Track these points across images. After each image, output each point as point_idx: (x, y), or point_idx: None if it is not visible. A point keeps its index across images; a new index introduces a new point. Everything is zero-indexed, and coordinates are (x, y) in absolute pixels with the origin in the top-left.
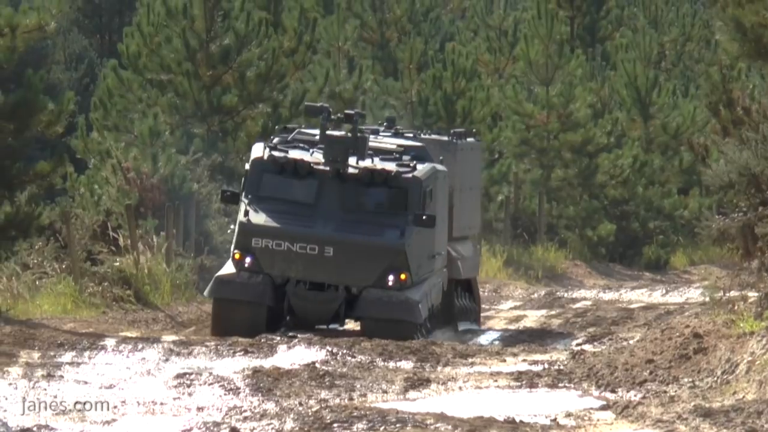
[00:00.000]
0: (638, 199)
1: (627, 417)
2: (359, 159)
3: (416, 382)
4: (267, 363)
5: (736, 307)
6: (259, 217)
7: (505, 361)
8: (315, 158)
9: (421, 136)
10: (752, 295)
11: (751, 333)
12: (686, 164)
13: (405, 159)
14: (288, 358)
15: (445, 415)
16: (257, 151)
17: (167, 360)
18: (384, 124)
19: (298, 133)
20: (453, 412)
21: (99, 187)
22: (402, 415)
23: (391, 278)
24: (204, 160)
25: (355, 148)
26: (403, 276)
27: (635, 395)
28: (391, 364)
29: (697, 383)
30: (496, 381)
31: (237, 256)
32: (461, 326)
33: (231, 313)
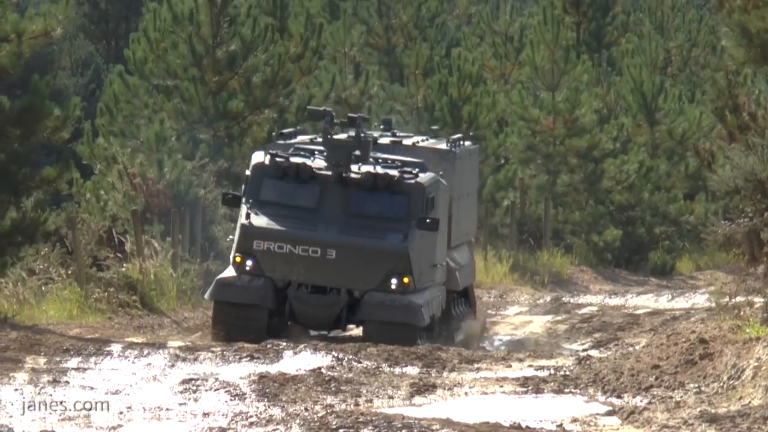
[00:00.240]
0: (644, 204)
1: (633, 422)
2: (363, 163)
3: (422, 388)
4: (273, 368)
5: (742, 313)
6: (260, 220)
7: (510, 366)
8: (317, 164)
9: (419, 143)
10: (758, 300)
11: (757, 338)
12: (692, 170)
13: (407, 167)
14: (294, 363)
15: (451, 421)
16: (258, 157)
17: (173, 366)
18: (381, 126)
19: (297, 132)
20: (459, 418)
21: (105, 192)
22: (408, 420)
23: (394, 282)
24: (210, 165)
25: (358, 152)
26: (406, 280)
27: (641, 401)
28: (397, 370)
29: (703, 389)
30: (502, 386)
31: (238, 259)
32: (458, 336)
33: (232, 316)
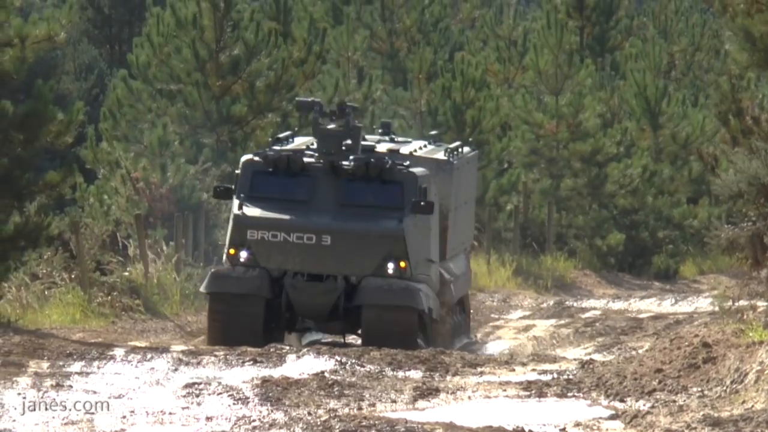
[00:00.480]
0: (647, 208)
1: (636, 426)
2: (353, 151)
3: (425, 392)
4: (276, 372)
5: (745, 317)
6: (253, 210)
7: (514, 370)
8: (307, 155)
9: (417, 151)
10: (761, 304)
11: (760, 342)
12: (695, 174)
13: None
14: (297, 367)
15: (454, 425)
16: (246, 156)
17: (176, 370)
18: (380, 131)
19: (293, 136)
20: (462, 422)
21: (108, 197)
22: (411, 424)
23: (390, 266)
24: (213, 169)
25: (348, 140)
26: (402, 264)
27: (644, 405)
28: (400, 374)
29: (706, 392)
30: (505, 390)
31: (232, 251)
32: (456, 344)
33: (227, 307)
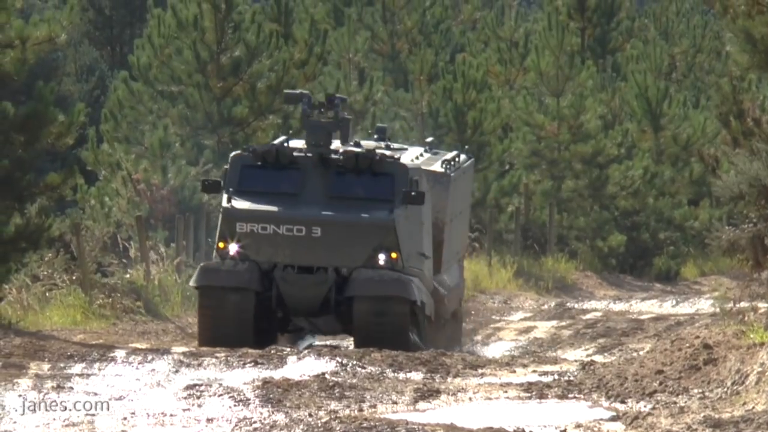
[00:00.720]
0: (649, 210)
1: (637, 428)
2: (343, 142)
3: (426, 393)
4: (277, 374)
5: (746, 318)
6: (242, 203)
7: (515, 372)
8: (296, 147)
9: (414, 161)
10: (762, 305)
11: (761, 344)
12: (697, 175)
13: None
14: (298, 369)
15: (454, 426)
16: (235, 153)
17: (177, 371)
18: (375, 136)
19: (288, 140)
20: (463, 423)
21: (109, 198)
22: (411, 426)
23: (381, 257)
24: (214, 171)
25: (338, 131)
26: (394, 255)
27: (645, 406)
28: (401, 375)
29: (707, 394)
30: (506, 392)
31: (221, 245)
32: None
33: (217, 301)
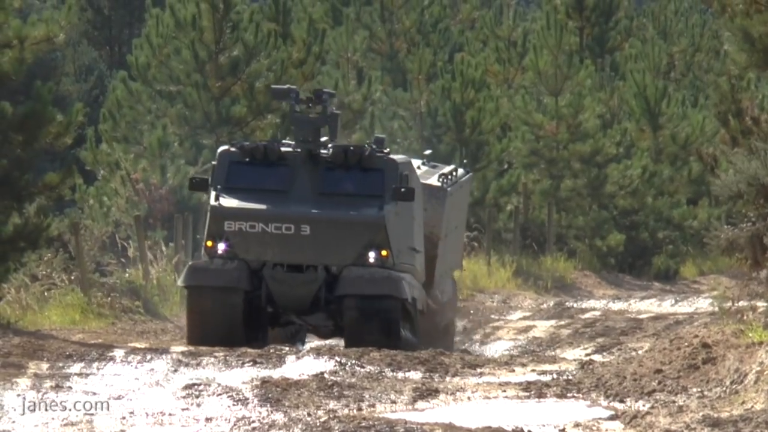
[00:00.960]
0: (647, 209)
1: (635, 427)
2: (331, 139)
3: (425, 393)
4: (276, 373)
5: (745, 317)
6: (230, 201)
7: (513, 371)
8: (285, 144)
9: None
10: (761, 304)
11: (760, 343)
12: (695, 174)
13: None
14: (297, 368)
15: (453, 426)
16: (223, 148)
17: (176, 371)
18: (373, 146)
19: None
20: (461, 423)
21: (108, 198)
22: (410, 425)
23: (372, 255)
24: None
25: (326, 127)
26: (384, 253)
27: (644, 405)
28: (400, 375)
29: (705, 393)
30: (504, 391)
31: (209, 243)
32: None
33: (206, 301)
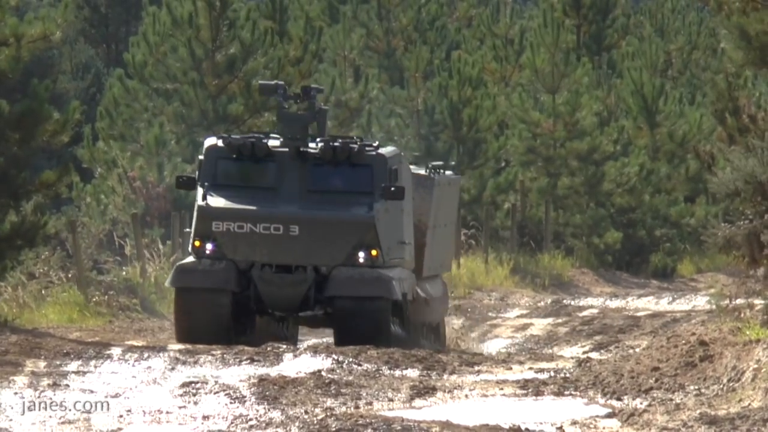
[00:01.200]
0: (645, 207)
1: (633, 425)
2: (320, 135)
3: (422, 390)
4: (273, 371)
5: (742, 315)
6: (218, 200)
7: (511, 369)
8: (273, 140)
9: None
10: (758, 302)
11: (757, 340)
12: (693, 172)
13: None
14: (294, 366)
15: (450, 423)
16: (210, 141)
17: (173, 369)
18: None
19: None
20: (459, 420)
21: (105, 196)
22: (407, 423)
23: (361, 255)
24: None
25: (314, 123)
26: (374, 252)
27: (641, 403)
28: (397, 373)
29: (702, 391)
30: (502, 389)
31: (197, 243)
32: None
33: (194, 302)
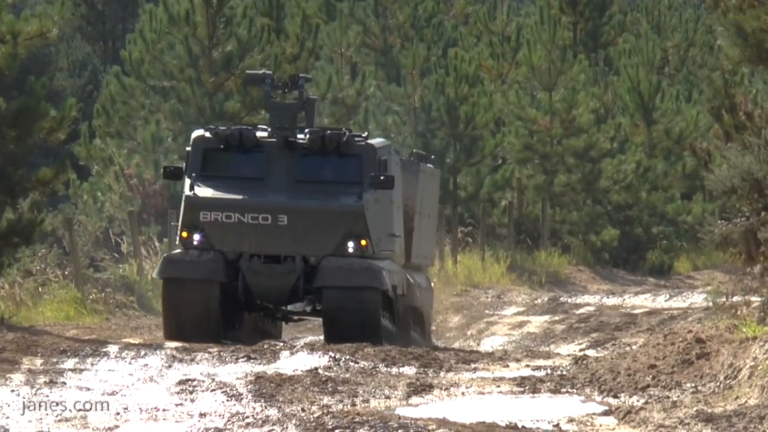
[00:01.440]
0: (641, 204)
1: (629, 422)
2: (308, 125)
3: (419, 388)
4: (270, 369)
5: (738, 312)
6: (205, 191)
7: (508, 366)
8: (260, 130)
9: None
10: (755, 299)
11: (754, 338)
12: (689, 169)
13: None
14: (291, 363)
15: (447, 421)
16: (197, 132)
17: (170, 366)
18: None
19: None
20: (455, 418)
21: (102, 193)
22: (404, 420)
23: (351, 245)
24: None
25: (302, 113)
26: (363, 242)
27: (638, 400)
28: (394, 370)
29: (699, 388)
30: (498, 386)
31: (185, 234)
32: None
33: (182, 293)
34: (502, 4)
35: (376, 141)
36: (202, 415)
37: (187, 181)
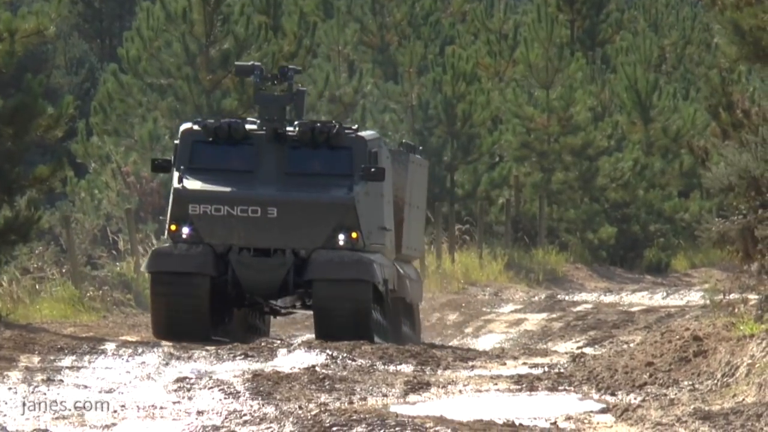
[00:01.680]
0: (639, 202)
1: (627, 420)
2: (298, 117)
3: (416, 386)
4: (267, 367)
5: (736, 310)
6: (194, 183)
7: (505, 364)
8: (249, 122)
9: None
10: (752, 297)
11: (751, 336)
12: (687, 167)
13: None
14: (288, 361)
15: (444, 419)
16: (186, 125)
17: (167, 364)
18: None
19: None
20: (453, 416)
21: (99, 191)
22: (401, 418)
23: (341, 238)
24: None
25: (291, 105)
26: (354, 235)
27: (635, 398)
28: (392, 368)
29: (696, 386)
30: (496, 384)
31: (173, 227)
32: None
33: (171, 287)
34: (500, 2)
35: (367, 133)
36: (200, 412)
37: (176, 174)
